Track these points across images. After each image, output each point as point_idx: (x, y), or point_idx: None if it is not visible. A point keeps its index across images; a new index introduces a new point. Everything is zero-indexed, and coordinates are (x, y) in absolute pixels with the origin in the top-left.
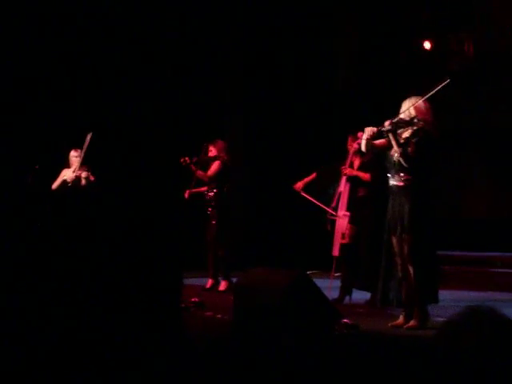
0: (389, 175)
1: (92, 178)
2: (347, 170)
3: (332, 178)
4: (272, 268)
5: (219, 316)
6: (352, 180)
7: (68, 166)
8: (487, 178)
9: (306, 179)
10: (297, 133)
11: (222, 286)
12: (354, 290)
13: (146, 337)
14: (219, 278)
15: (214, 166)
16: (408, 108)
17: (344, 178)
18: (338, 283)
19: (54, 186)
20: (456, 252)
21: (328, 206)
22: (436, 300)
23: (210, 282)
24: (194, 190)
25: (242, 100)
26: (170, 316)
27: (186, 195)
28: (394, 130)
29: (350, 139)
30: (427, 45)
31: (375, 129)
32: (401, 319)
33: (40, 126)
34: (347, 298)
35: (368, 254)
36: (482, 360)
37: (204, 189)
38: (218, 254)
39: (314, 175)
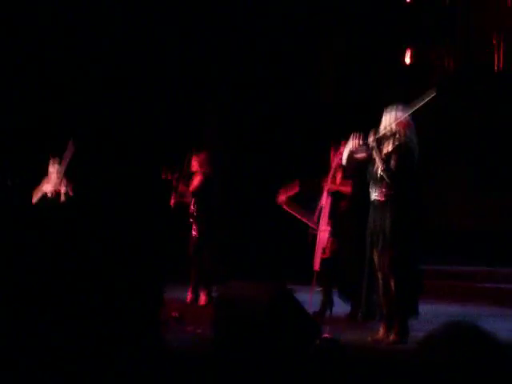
0: (370, 189)
1: (71, 194)
2: (328, 186)
3: (315, 191)
4: (253, 281)
5: (199, 331)
6: (333, 194)
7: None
8: (473, 191)
9: (289, 193)
10: (280, 144)
11: (203, 300)
12: (334, 303)
13: (123, 349)
14: (199, 292)
15: (196, 181)
16: (389, 122)
17: (325, 192)
18: (318, 297)
19: (34, 199)
20: (439, 266)
21: (310, 219)
22: (416, 314)
23: (190, 296)
24: (179, 199)
25: (222, 108)
26: (149, 329)
27: (172, 203)
28: (377, 145)
29: (332, 151)
30: (407, 59)
31: (360, 142)
32: (381, 333)
33: (21, 135)
34: (328, 311)
35: (349, 268)
36: (462, 374)
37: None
38: (200, 268)
39: (296, 187)
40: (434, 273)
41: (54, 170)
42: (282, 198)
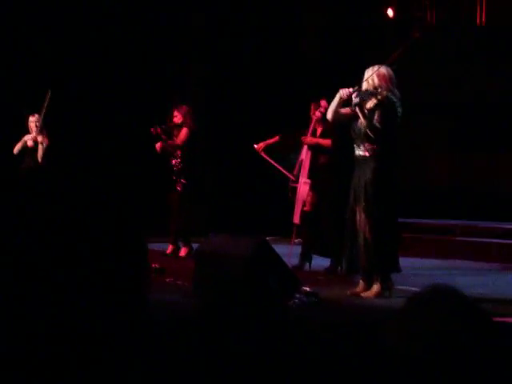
0: (354, 145)
1: (46, 143)
2: (308, 139)
3: (294, 145)
4: (233, 235)
5: (179, 282)
6: (313, 148)
7: (28, 132)
8: (448, 146)
9: (269, 141)
10: (260, 96)
11: (183, 251)
12: (313, 256)
13: (109, 300)
14: (180, 244)
15: (183, 134)
16: (371, 75)
17: (305, 146)
18: (297, 250)
19: (16, 149)
20: (417, 220)
21: (286, 169)
22: (398, 269)
23: (170, 248)
24: (165, 145)
25: (204, 61)
26: (134, 280)
27: (158, 148)
28: (360, 102)
29: (312, 107)
30: (390, 12)
31: (351, 89)
32: (360, 287)
33: None
34: (307, 265)
35: (329, 221)
36: (444, 339)
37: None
38: (181, 221)
39: (276, 138)
40: (413, 227)
41: (32, 124)
42: (260, 144)
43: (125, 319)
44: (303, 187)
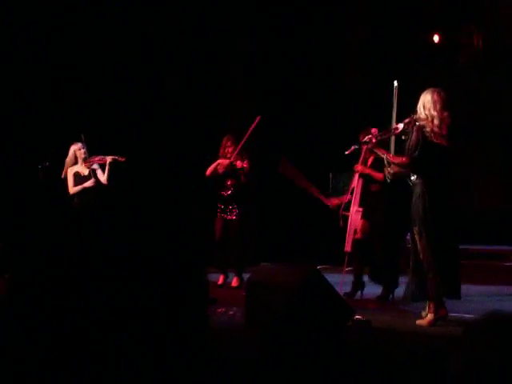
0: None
1: (106, 160)
2: (359, 168)
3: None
4: (284, 264)
5: (231, 313)
6: (365, 176)
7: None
8: (500, 171)
9: (343, 199)
10: (309, 134)
11: (235, 281)
12: (366, 285)
13: (173, 331)
14: (229, 274)
15: (246, 164)
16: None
17: (357, 175)
18: (349, 278)
19: (74, 189)
20: (468, 246)
21: (326, 198)
22: (458, 296)
23: (221, 278)
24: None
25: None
26: (196, 311)
27: (208, 173)
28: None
29: (361, 136)
30: (436, 38)
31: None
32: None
33: (49, 122)
34: (359, 293)
35: (380, 249)
36: (504, 365)
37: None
38: (236, 251)
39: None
40: (467, 253)
41: (79, 151)
42: (334, 202)
43: (189, 350)
44: (355, 215)
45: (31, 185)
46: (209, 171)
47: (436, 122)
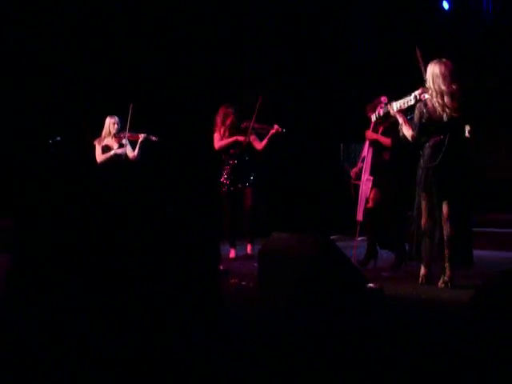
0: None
1: (139, 137)
2: (369, 133)
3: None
4: (296, 234)
5: (244, 283)
6: (375, 144)
7: (93, 137)
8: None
9: (356, 169)
10: (319, 105)
11: (249, 249)
12: (378, 253)
13: (184, 305)
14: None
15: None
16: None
17: (367, 143)
18: (362, 249)
19: (101, 157)
20: (484, 214)
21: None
22: (470, 263)
23: (233, 252)
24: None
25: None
26: (209, 284)
27: (222, 147)
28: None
29: (368, 107)
30: (445, 5)
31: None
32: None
33: (60, 97)
34: (372, 262)
35: (392, 218)
36: None
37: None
38: (250, 219)
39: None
40: (484, 221)
41: (112, 125)
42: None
43: (202, 317)
44: (366, 184)
45: (42, 160)
46: (223, 145)
47: (446, 97)
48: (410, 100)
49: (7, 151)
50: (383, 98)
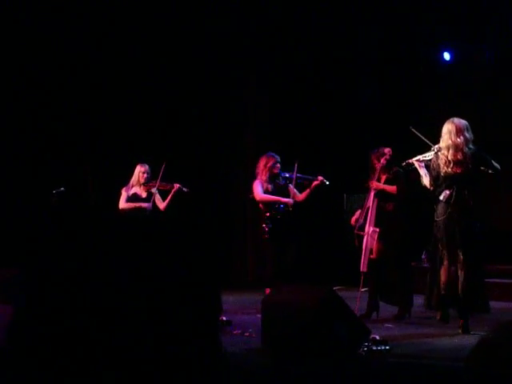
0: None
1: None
2: (374, 183)
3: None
4: (300, 285)
5: (247, 334)
6: (379, 195)
7: (121, 185)
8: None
9: (356, 216)
10: (322, 154)
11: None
12: (381, 305)
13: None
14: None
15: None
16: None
17: (372, 194)
18: (365, 299)
19: (125, 205)
20: (499, 265)
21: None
22: (488, 310)
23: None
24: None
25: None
26: (210, 336)
27: (264, 200)
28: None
29: (373, 156)
30: (447, 56)
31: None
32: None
33: (63, 147)
34: (375, 313)
35: (396, 269)
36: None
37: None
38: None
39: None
40: (494, 272)
41: (141, 174)
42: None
43: (201, 366)
44: (372, 235)
45: (45, 209)
46: (264, 200)
47: (451, 150)
48: (429, 154)
49: (10, 201)
50: (387, 150)
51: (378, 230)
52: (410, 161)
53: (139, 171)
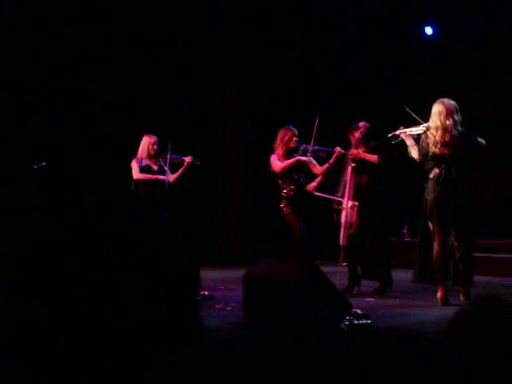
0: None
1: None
2: (354, 151)
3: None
4: (281, 259)
5: (229, 308)
6: (357, 169)
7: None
8: (490, 166)
9: (317, 179)
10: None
11: None
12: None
13: (162, 329)
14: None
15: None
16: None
17: (349, 168)
18: (346, 273)
19: (140, 175)
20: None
21: (337, 196)
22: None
23: None
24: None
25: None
26: (187, 309)
27: (284, 169)
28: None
29: (349, 131)
30: (429, 30)
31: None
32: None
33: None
34: (355, 287)
35: (375, 243)
36: (487, 348)
37: None
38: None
39: (320, 177)
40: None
41: (152, 141)
42: (311, 185)
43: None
44: (351, 210)
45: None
46: (286, 167)
47: (439, 131)
48: (419, 129)
49: None
50: (362, 124)
51: (357, 203)
52: (397, 132)
53: (148, 142)
